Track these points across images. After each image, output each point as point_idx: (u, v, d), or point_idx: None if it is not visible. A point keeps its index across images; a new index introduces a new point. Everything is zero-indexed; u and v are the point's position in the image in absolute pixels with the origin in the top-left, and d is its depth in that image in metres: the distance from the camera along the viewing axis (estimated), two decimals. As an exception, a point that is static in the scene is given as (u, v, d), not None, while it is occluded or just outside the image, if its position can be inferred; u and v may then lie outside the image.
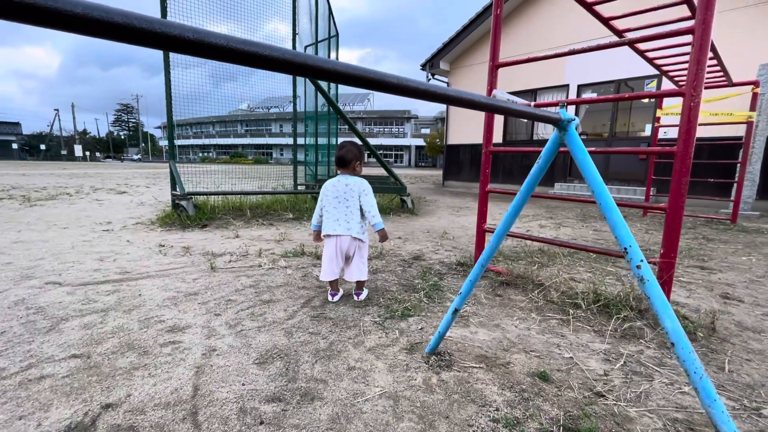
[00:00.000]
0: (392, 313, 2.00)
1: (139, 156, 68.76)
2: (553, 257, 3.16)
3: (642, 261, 0.92)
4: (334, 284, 2.18)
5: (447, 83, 11.93)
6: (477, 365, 1.52)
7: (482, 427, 1.15)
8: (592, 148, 2.18)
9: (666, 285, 1.89)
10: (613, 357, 1.60)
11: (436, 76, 11.81)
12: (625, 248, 0.94)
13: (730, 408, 1.27)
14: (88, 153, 54.99)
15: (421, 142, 46.62)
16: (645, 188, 6.23)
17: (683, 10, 2.25)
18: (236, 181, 9.72)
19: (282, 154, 50.30)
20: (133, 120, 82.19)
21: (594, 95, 8.74)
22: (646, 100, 8.05)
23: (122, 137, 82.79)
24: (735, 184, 5.53)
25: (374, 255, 3.16)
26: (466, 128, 11.39)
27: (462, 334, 1.79)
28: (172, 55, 4.50)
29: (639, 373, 1.47)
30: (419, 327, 1.85)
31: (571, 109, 9.11)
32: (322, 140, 8.64)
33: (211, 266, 2.72)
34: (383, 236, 2.15)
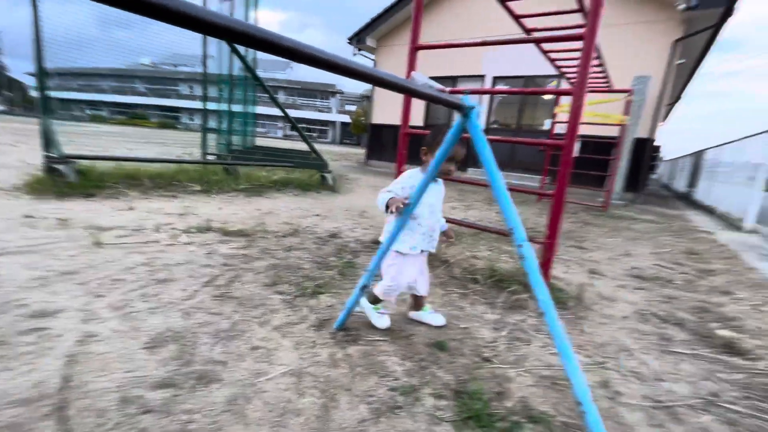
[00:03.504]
0: (303, 290, 1.97)
1: (3, 107, 56.13)
2: (459, 236, 3.41)
3: (524, 241, 1.03)
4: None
5: (374, 61, 11.81)
6: (382, 338, 1.58)
7: (381, 397, 1.21)
8: (497, 137, 2.34)
9: (548, 262, 2.16)
10: (501, 326, 1.79)
11: (362, 52, 11.61)
12: (511, 229, 1.04)
13: (584, 363, 1.52)
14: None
15: (346, 118, 45.91)
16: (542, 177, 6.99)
17: (579, 18, 2.50)
18: (134, 145, 8.58)
19: (192, 120, 45.37)
20: (-7, 62, 66.45)
21: (506, 87, 9.43)
22: (547, 97, 8.94)
23: (-23, 82, 66.59)
24: (608, 177, 6.51)
25: (289, 232, 3.07)
26: (391, 108, 11.48)
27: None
28: (42, -15, 3.68)
29: (520, 339, 1.68)
30: (329, 304, 1.86)
31: (486, 98, 9.73)
32: (239, 108, 7.97)
33: (95, 241, 2.38)
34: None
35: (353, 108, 49.47)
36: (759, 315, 2.20)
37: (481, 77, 9.73)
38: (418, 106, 9.97)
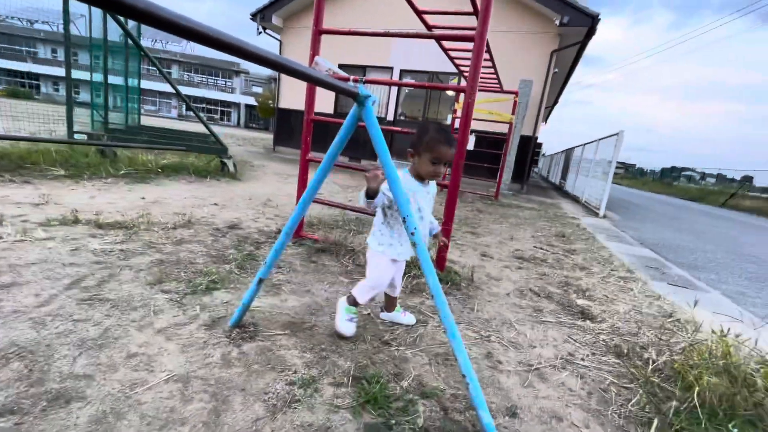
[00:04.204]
0: (195, 287, 1.80)
1: None
2: (367, 225, 3.47)
3: (415, 229, 1.08)
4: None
5: (280, 42, 11.21)
6: (282, 332, 1.53)
7: (278, 392, 1.17)
8: (398, 128, 2.42)
9: (445, 247, 2.32)
10: (403, 309, 1.87)
11: (267, 31, 10.92)
12: (404, 218, 1.08)
13: (472, 338, 1.68)
14: None
15: (252, 100, 42.92)
16: (444, 168, 7.49)
17: (474, 21, 2.69)
18: (-33, 117, 6.87)
19: (58, 90, 37.83)
20: None
21: (412, 80, 9.80)
22: (450, 93, 9.54)
23: None
24: (499, 170, 7.26)
25: (180, 224, 2.76)
26: (300, 92, 11.00)
27: (272, 303, 1.77)
28: None
29: (418, 320, 1.78)
30: (225, 300, 1.73)
31: (394, 91, 9.99)
32: (118, 80, 6.84)
33: None
34: None
35: (260, 90, 46.50)
36: (605, 285, 2.69)
37: (390, 69, 9.94)
38: (328, 93, 9.77)
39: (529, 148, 8.97)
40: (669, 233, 6.18)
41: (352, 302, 1.56)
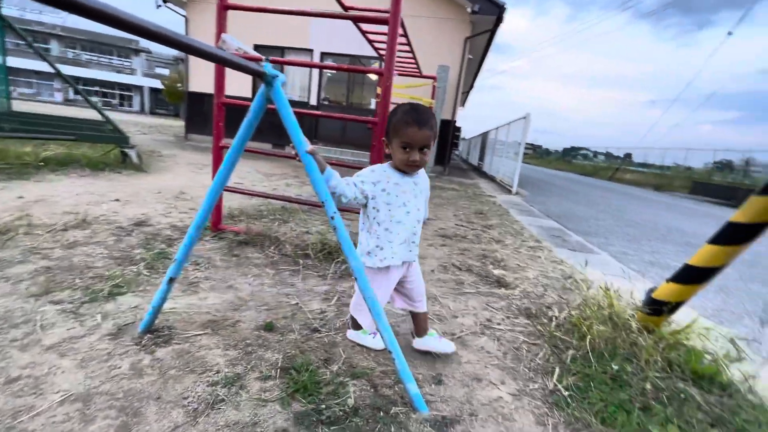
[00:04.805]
0: (94, 294, 1.60)
1: None
2: (294, 213, 3.37)
3: (335, 213, 1.08)
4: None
5: (185, 17, 10.14)
6: (202, 332, 1.43)
7: (198, 395, 1.10)
8: (319, 113, 2.36)
9: (371, 231, 2.35)
10: (330, 295, 1.87)
11: (168, 4, 9.79)
12: (323, 202, 1.07)
13: (400, 315, 1.74)
14: None
15: (158, 83, 38.43)
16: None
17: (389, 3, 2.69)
18: None
19: None
20: None
21: (333, 63, 9.60)
22: (373, 77, 9.55)
23: None
24: (424, 153, 7.53)
25: (73, 224, 2.41)
26: (212, 74, 10.18)
27: (189, 303, 1.64)
28: None
29: (347, 305, 1.79)
30: (133, 305, 1.56)
31: (315, 75, 9.70)
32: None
33: None
34: None
35: (166, 72, 41.82)
36: (517, 255, 2.97)
37: (310, 51, 9.61)
38: (245, 75, 9.14)
39: (449, 131, 9.41)
40: (569, 205, 6.99)
41: (358, 326, 1.45)
